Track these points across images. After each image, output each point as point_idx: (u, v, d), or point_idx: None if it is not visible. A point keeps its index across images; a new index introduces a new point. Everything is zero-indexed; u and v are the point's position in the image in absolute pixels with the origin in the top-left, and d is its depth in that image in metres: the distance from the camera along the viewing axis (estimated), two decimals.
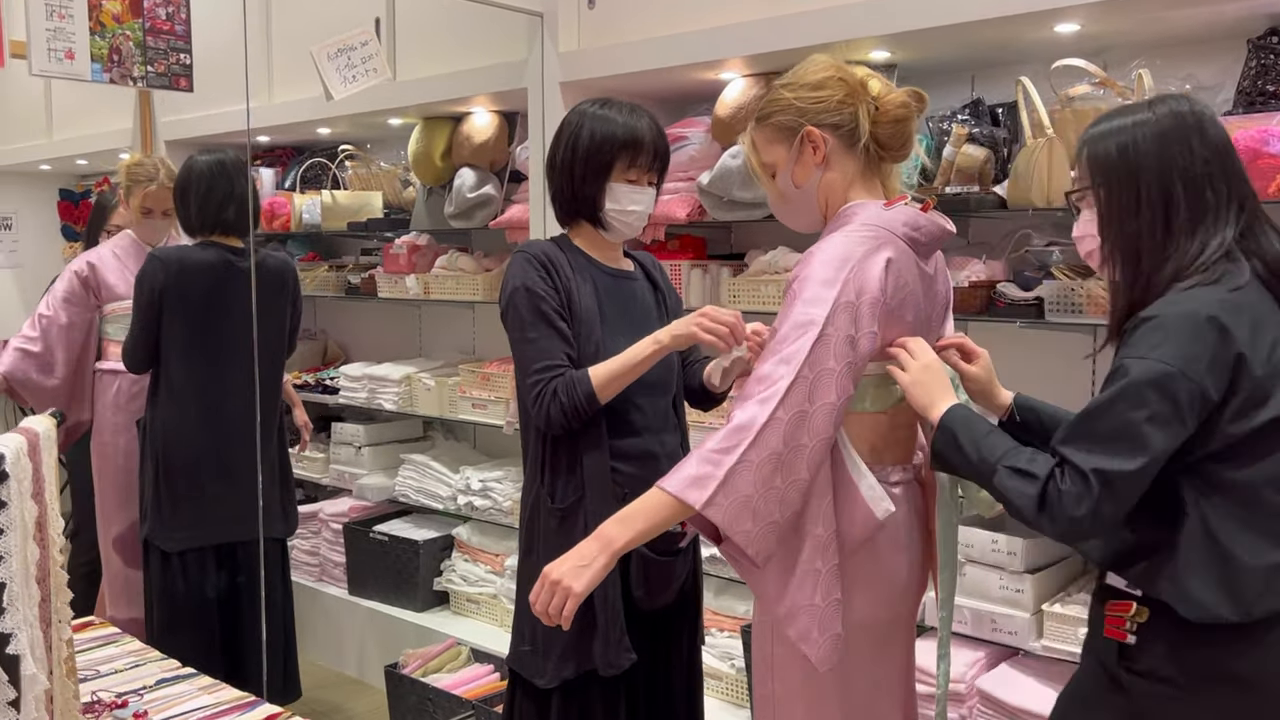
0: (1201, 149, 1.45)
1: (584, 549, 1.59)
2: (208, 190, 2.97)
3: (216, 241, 3.03)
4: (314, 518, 4.17)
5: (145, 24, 2.51)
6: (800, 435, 1.53)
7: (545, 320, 1.97)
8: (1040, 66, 2.46)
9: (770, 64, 2.78)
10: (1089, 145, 1.52)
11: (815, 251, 1.62)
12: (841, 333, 1.55)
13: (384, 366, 4.03)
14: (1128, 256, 1.49)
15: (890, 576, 1.69)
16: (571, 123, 2.06)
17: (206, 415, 2.99)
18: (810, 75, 1.70)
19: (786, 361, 1.54)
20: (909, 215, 1.66)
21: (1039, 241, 2.56)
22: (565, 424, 1.94)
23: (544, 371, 1.94)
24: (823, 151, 1.68)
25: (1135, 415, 1.38)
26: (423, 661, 3.32)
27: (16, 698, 1.37)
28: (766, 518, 1.53)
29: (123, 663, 2.23)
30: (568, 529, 2.00)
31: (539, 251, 2.02)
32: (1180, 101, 1.49)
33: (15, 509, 1.38)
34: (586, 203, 2.04)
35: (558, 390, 1.93)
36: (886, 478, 1.68)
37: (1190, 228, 1.45)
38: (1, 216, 6.12)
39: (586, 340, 1.99)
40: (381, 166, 4.26)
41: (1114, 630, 1.49)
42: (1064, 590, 2.49)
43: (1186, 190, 1.44)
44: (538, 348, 1.96)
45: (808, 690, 1.66)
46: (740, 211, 2.92)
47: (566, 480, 2.01)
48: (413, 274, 3.85)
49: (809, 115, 1.68)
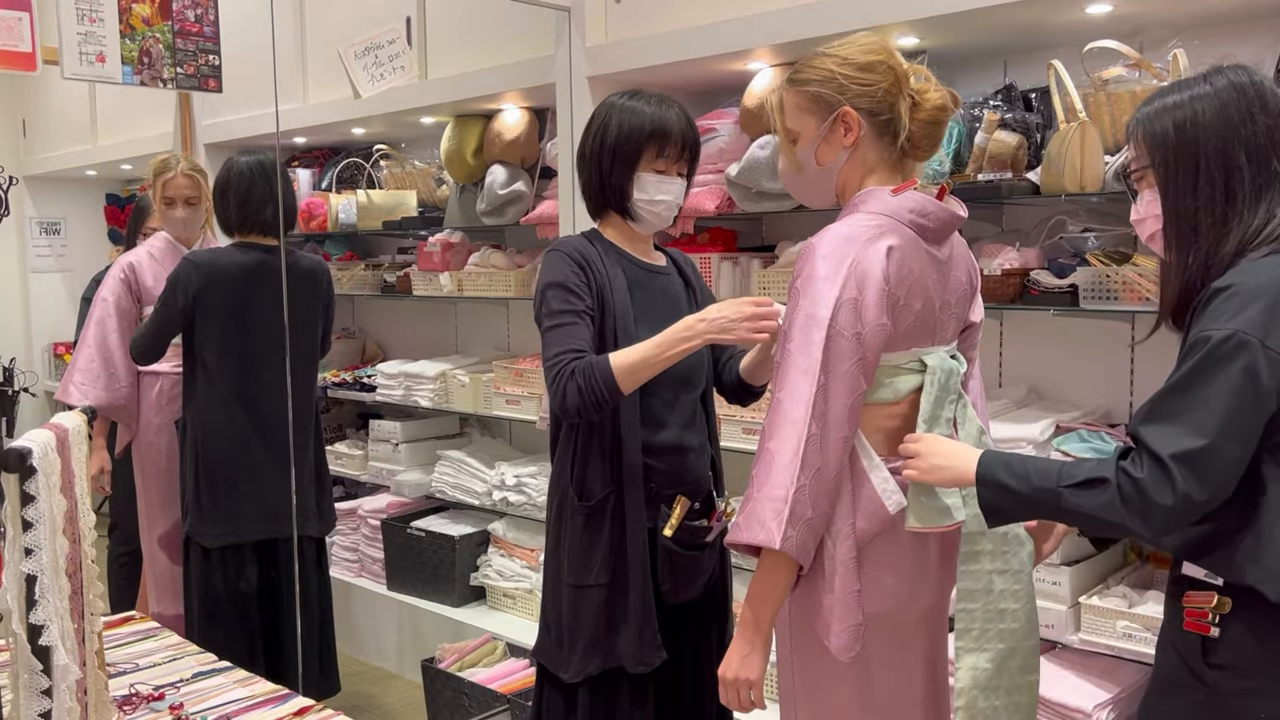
0: (1264, 118, 1.40)
1: (738, 644, 1.61)
2: (248, 190, 3.03)
3: (254, 241, 3.08)
4: (353, 514, 4.21)
5: (174, 26, 2.55)
6: (828, 442, 1.54)
7: (573, 311, 1.94)
8: (1073, 50, 2.41)
9: (798, 52, 2.75)
10: (1144, 124, 1.47)
11: (815, 244, 1.60)
12: (848, 331, 1.54)
13: (420, 364, 4.07)
14: (1184, 235, 1.44)
15: (910, 568, 1.66)
16: (600, 114, 2.06)
17: (244, 414, 3.03)
18: (860, 55, 1.65)
19: (807, 373, 1.53)
20: (916, 201, 1.63)
21: (1073, 228, 2.51)
22: (582, 408, 1.87)
23: (564, 354, 1.90)
24: (855, 135, 1.65)
25: (1216, 388, 1.32)
26: (459, 656, 3.34)
27: (49, 687, 1.40)
28: (814, 527, 1.55)
29: (160, 656, 2.27)
30: (595, 526, 2.00)
31: (572, 249, 2.01)
32: (1239, 72, 1.44)
33: (44, 503, 1.41)
34: (615, 194, 2.03)
35: (575, 371, 1.87)
36: (897, 469, 1.65)
37: (1255, 198, 1.40)
38: (50, 221, 6.26)
39: (622, 335, 1.97)
40: (415, 165, 4.30)
41: (1194, 623, 1.43)
42: (1102, 582, 2.45)
43: (1250, 161, 1.40)
44: (562, 333, 1.93)
45: (828, 682, 1.65)
46: (769, 203, 2.90)
47: (596, 477, 2.00)
48: (447, 271, 3.88)
49: (850, 95, 1.64)
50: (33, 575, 1.40)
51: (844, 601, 1.57)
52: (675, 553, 2.00)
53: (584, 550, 2.02)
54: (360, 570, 4.19)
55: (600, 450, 2.00)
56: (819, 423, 1.53)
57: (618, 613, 2.01)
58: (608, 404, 1.89)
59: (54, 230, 6.29)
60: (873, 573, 1.62)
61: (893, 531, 1.63)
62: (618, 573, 2.00)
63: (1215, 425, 1.32)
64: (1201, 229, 1.42)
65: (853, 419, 1.56)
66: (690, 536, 2.00)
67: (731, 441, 3.02)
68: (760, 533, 1.53)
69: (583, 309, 1.95)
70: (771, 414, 1.57)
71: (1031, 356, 2.80)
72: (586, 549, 2.02)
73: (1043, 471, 1.44)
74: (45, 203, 6.12)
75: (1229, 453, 1.33)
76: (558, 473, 2.09)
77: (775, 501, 1.52)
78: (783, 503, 1.52)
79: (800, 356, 1.54)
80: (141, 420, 3.41)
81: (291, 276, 2.97)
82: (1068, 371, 2.74)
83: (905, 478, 1.60)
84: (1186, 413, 1.33)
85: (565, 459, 2.05)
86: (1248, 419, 1.33)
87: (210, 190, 3.38)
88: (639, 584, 2.00)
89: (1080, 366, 2.71)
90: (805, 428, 1.52)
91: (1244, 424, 1.33)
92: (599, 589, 2.01)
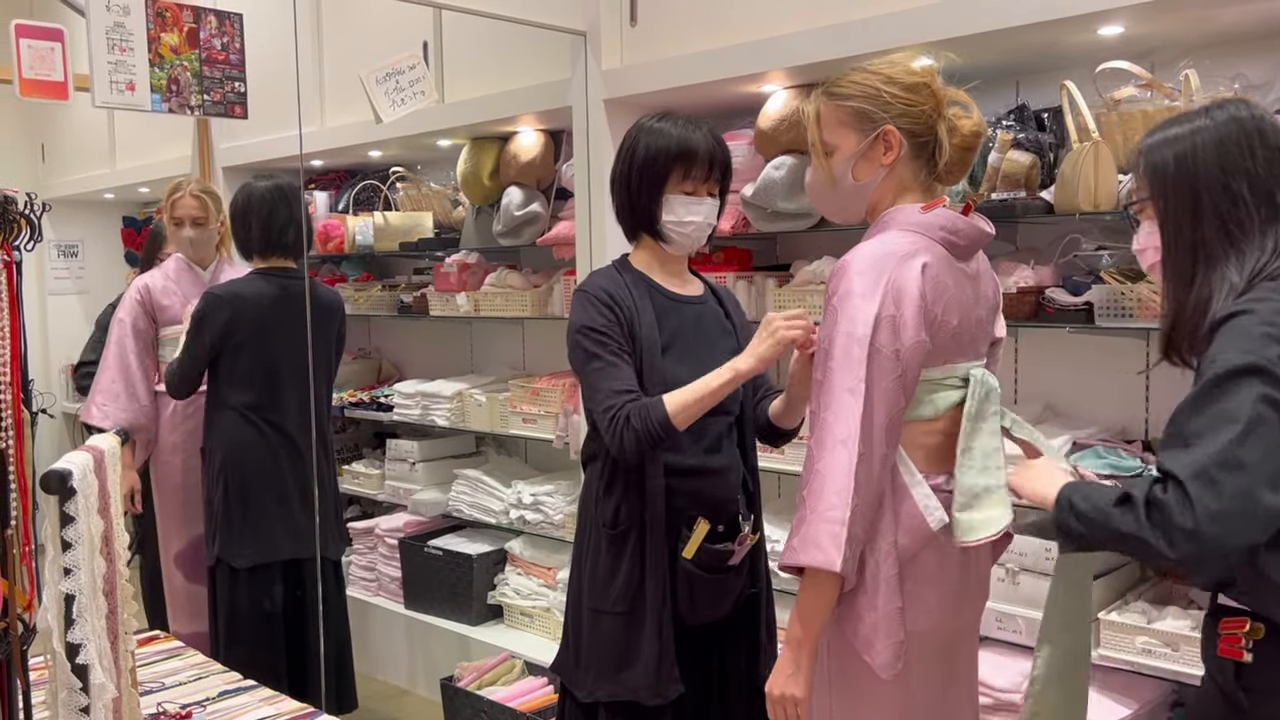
0: (1264, 151, 1.42)
1: (785, 661, 1.62)
2: (270, 214, 3.11)
3: (275, 265, 3.14)
4: (370, 533, 4.23)
5: (201, 55, 2.59)
6: (874, 461, 1.54)
7: (610, 350, 1.95)
8: (1085, 70, 2.44)
9: (812, 75, 2.79)
10: (1146, 155, 1.49)
11: (850, 261, 1.61)
12: (888, 348, 1.55)
13: (436, 383, 4.10)
14: (1181, 267, 1.45)
15: (951, 585, 1.67)
16: (629, 138, 2.07)
17: (269, 437, 3.10)
18: (906, 75, 1.67)
19: (852, 391, 1.54)
20: (946, 218, 1.64)
21: (1088, 246, 2.53)
22: (638, 450, 1.91)
23: (617, 396, 1.92)
24: (895, 154, 1.66)
25: (1228, 408, 1.31)
26: (477, 674, 3.35)
27: (87, 705, 1.43)
28: (860, 544, 1.57)
29: (186, 675, 2.29)
30: (616, 552, 2.02)
31: (597, 289, 2.01)
32: (1240, 106, 1.45)
33: (83, 524, 1.43)
34: (644, 216, 2.04)
35: (630, 416, 1.89)
36: (944, 485, 1.66)
37: (1263, 230, 1.41)
38: (68, 244, 6.33)
39: (650, 368, 1.98)
40: (431, 187, 4.34)
41: (1228, 649, 1.43)
42: (1121, 598, 2.46)
43: (1253, 194, 1.41)
44: (606, 375, 1.94)
45: (868, 702, 1.64)
46: (784, 222, 2.93)
47: (622, 504, 2.01)
48: (463, 292, 3.91)
49: (893, 114, 1.65)
50: (71, 594, 1.42)
51: (888, 618, 1.58)
52: (695, 575, 1.99)
53: (605, 575, 2.03)
54: (378, 589, 4.20)
55: (625, 477, 2.01)
56: (866, 442, 1.53)
57: (633, 644, 2.00)
58: (663, 444, 1.92)
59: (72, 253, 6.36)
60: (915, 589, 1.62)
61: (935, 548, 1.63)
62: (636, 601, 2.00)
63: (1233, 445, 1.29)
64: (1199, 261, 1.43)
65: (892, 437, 1.57)
66: (712, 559, 1.98)
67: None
68: (818, 555, 1.52)
69: (617, 348, 1.96)
70: (818, 433, 1.56)
71: (1047, 374, 2.82)
72: (607, 574, 2.03)
73: (1106, 494, 1.42)
74: (63, 226, 6.19)
75: (1249, 472, 1.29)
76: (585, 496, 2.11)
77: (832, 524, 1.52)
78: (840, 525, 1.51)
79: (844, 374, 1.55)
80: (158, 440, 3.45)
81: (312, 304, 3.03)
82: (1083, 388, 2.75)
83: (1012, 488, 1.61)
84: (1203, 436, 1.31)
85: (592, 484, 2.08)
86: (1269, 442, 1.30)
87: (222, 212, 3.46)
88: (656, 614, 1.99)
89: (1096, 383, 2.72)
90: (855, 447, 1.52)
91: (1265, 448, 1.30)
92: (616, 616, 2.01)
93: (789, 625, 1.61)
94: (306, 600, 3.15)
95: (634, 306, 2.00)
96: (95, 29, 2.40)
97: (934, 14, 2.45)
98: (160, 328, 3.46)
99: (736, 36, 2.87)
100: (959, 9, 2.41)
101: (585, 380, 1.98)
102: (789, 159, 2.88)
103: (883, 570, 1.58)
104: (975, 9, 2.38)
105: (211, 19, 2.63)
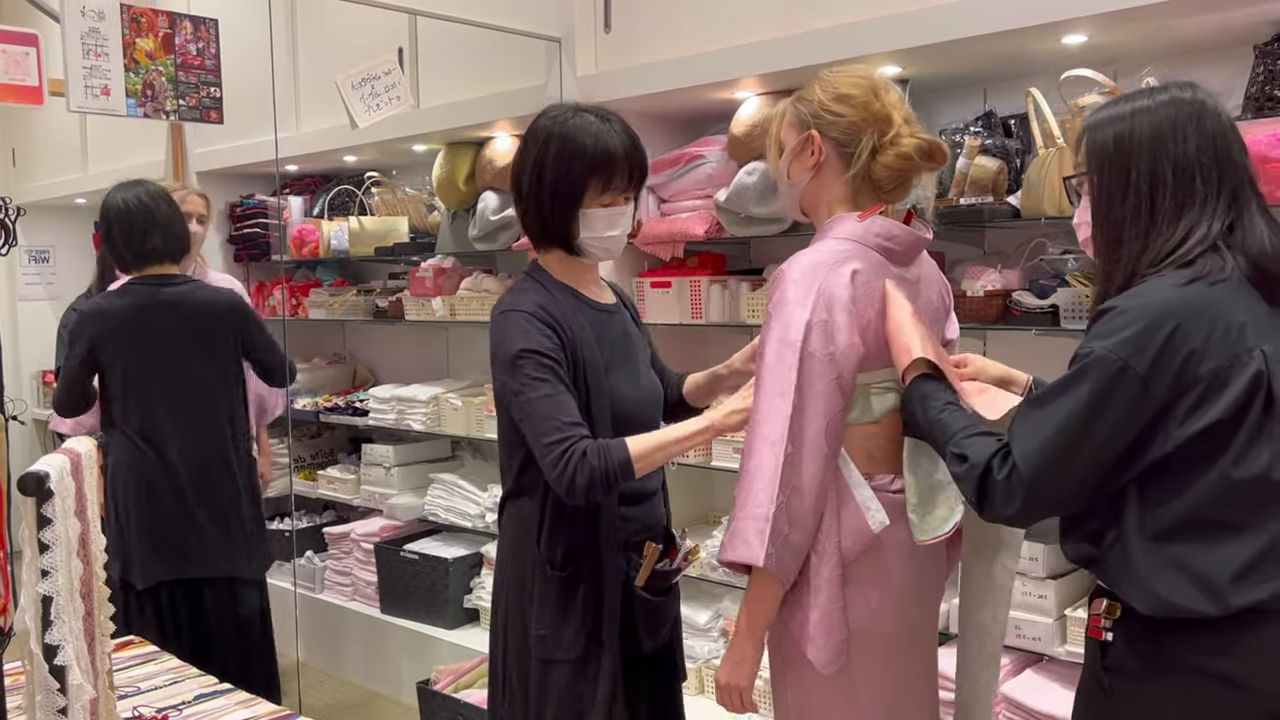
0: (1196, 136, 1.42)
1: (732, 651, 1.65)
2: (128, 224, 2.94)
3: (154, 274, 2.99)
4: (345, 538, 4.23)
5: (177, 60, 2.60)
6: (804, 461, 1.58)
7: (556, 379, 1.74)
8: (1050, 78, 2.49)
9: (784, 82, 2.83)
10: (1089, 132, 1.51)
11: (787, 270, 1.65)
12: (821, 352, 1.59)
13: (412, 388, 4.10)
14: (1111, 244, 1.47)
15: (898, 584, 1.70)
16: (534, 142, 1.84)
17: (148, 457, 2.96)
18: (843, 85, 1.71)
19: (781, 394, 1.58)
20: (882, 226, 1.68)
21: (1053, 250, 2.58)
22: (588, 492, 1.70)
23: (569, 429, 1.71)
24: (816, 159, 1.72)
25: (1075, 405, 1.37)
26: (454, 677, 3.36)
27: (65, 706, 1.43)
28: (796, 546, 1.60)
29: (162, 679, 2.29)
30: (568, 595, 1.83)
31: (534, 306, 1.79)
32: (1184, 89, 1.46)
33: (60, 526, 1.44)
34: (558, 231, 1.84)
35: (587, 453, 1.69)
36: (888, 486, 1.69)
37: (1175, 215, 1.42)
38: (40, 250, 6.28)
39: (597, 390, 1.81)
40: (407, 192, 4.35)
41: (1095, 629, 1.48)
42: (1086, 595, 2.50)
43: (1175, 178, 1.42)
44: (553, 404, 1.72)
45: (819, 698, 1.69)
46: (757, 227, 2.96)
47: (573, 543, 1.83)
48: (439, 296, 3.92)
49: (820, 121, 1.71)
50: (49, 596, 1.43)
51: (828, 616, 1.62)
52: (650, 602, 1.88)
53: (555, 621, 1.83)
54: (354, 594, 4.20)
55: (573, 512, 1.81)
56: (795, 442, 1.57)
57: (587, 691, 1.84)
58: (615, 489, 1.75)
59: (43, 258, 6.31)
60: (858, 590, 1.66)
61: (877, 550, 1.67)
62: (590, 643, 1.84)
63: (1066, 441, 1.37)
64: (1125, 240, 1.45)
65: (832, 438, 1.61)
66: (659, 581, 1.89)
67: (723, 461, 3.07)
68: (744, 550, 1.58)
69: (563, 375, 1.76)
70: (749, 434, 1.62)
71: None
72: (558, 620, 1.83)
73: (944, 425, 1.52)
74: (34, 231, 6.14)
75: (1077, 469, 1.38)
76: (518, 538, 1.88)
77: (757, 520, 1.57)
78: (764, 520, 1.56)
79: (774, 378, 1.59)
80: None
81: (187, 309, 2.94)
82: None
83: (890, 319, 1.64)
84: (1046, 428, 1.39)
85: (530, 522, 1.85)
86: (1102, 439, 1.36)
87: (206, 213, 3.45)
88: (611, 653, 1.84)
89: None
90: (782, 447, 1.57)
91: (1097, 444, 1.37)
92: (569, 665, 1.83)
93: (737, 617, 1.66)
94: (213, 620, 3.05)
95: (573, 328, 1.81)
96: (70, 34, 2.41)
97: (904, 22, 2.49)
98: None
99: (710, 43, 2.91)
100: (928, 18, 2.45)
101: (526, 409, 1.73)
102: (761, 164, 2.91)
103: (824, 570, 1.62)
104: (944, 18, 2.42)
105: (187, 24, 2.64)
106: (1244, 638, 1.36)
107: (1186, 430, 1.36)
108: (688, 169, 3.12)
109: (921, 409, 1.58)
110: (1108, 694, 1.46)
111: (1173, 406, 1.36)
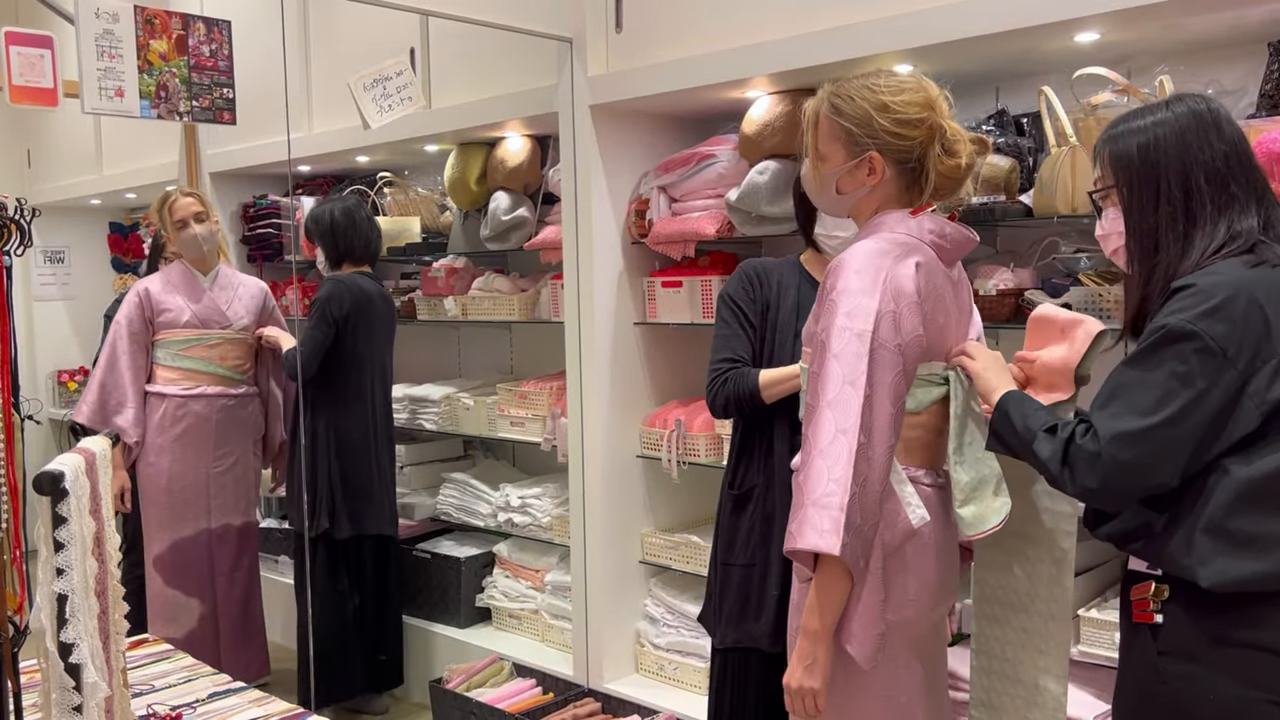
0: (1221, 144, 1.49)
1: (801, 653, 1.64)
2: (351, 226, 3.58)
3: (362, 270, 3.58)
4: None
5: (190, 61, 2.61)
6: (875, 451, 1.58)
7: (737, 321, 2.28)
8: (1062, 76, 2.48)
9: (795, 81, 2.83)
10: (1110, 145, 1.55)
11: (846, 260, 1.64)
12: (890, 342, 1.59)
13: (424, 387, 4.11)
14: (1146, 251, 1.52)
15: (925, 579, 1.71)
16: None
17: (365, 422, 3.51)
18: (908, 110, 1.68)
19: (852, 383, 1.57)
20: (935, 222, 1.70)
21: (1066, 248, 2.57)
22: (725, 408, 2.23)
23: (723, 362, 2.25)
24: (878, 178, 1.71)
25: (1157, 375, 1.40)
26: (466, 677, 3.37)
27: (80, 704, 1.44)
28: (866, 539, 1.59)
29: (176, 678, 2.31)
30: (740, 512, 2.29)
31: (754, 265, 2.32)
32: (1197, 101, 1.52)
33: (75, 525, 1.45)
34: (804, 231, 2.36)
35: (729, 380, 2.22)
36: (923, 479, 1.71)
37: (1215, 217, 1.48)
38: (55, 250, 6.32)
39: (779, 346, 2.24)
40: (419, 192, 4.36)
41: (1141, 613, 1.49)
42: (1101, 595, 2.49)
43: (1209, 183, 1.48)
44: (724, 342, 2.27)
45: (842, 693, 1.69)
46: (768, 226, 2.96)
47: (747, 472, 2.28)
48: (451, 296, 3.93)
49: (881, 144, 1.69)
50: (64, 595, 1.44)
51: (870, 609, 1.61)
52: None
53: (730, 531, 2.30)
54: None
55: (752, 450, 2.29)
56: (866, 433, 1.56)
57: (754, 594, 2.23)
58: (749, 408, 2.22)
59: (58, 259, 6.35)
60: (896, 581, 1.66)
61: (916, 542, 1.67)
62: (758, 555, 2.25)
63: (1148, 410, 1.40)
64: (1162, 245, 1.50)
65: (896, 428, 1.61)
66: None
67: None
68: (818, 539, 1.54)
69: (744, 315, 2.27)
70: (816, 424, 1.59)
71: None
72: (732, 530, 2.30)
73: (1039, 418, 1.55)
74: (49, 232, 6.18)
75: (1160, 439, 1.40)
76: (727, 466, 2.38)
77: (831, 510, 1.54)
78: (839, 510, 1.53)
79: (843, 367, 1.58)
80: (145, 441, 3.45)
81: (385, 301, 3.58)
82: None
83: (960, 362, 1.70)
84: (1127, 397, 1.42)
85: (730, 453, 2.36)
86: (1182, 409, 1.39)
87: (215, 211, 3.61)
88: (779, 567, 2.20)
89: None
90: (855, 436, 1.55)
91: (1177, 413, 1.39)
92: (742, 569, 2.27)
93: (804, 617, 1.63)
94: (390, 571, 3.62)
95: (776, 289, 2.26)
96: (84, 36, 2.42)
97: (915, 21, 2.48)
98: (157, 331, 3.48)
99: (721, 43, 2.91)
100: (940, 16, 2.44)
101: (713, 343, 2.30)
102: (773, 164, 2.91)
103: (869, 564, 1.62)
104: (956, 16, 2.41)
105: (200, 26, 2.65)
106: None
107: (1262, 406, 1.40)
108: (699, 168, 3.12)
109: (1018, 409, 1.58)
110: (1164, 679, 1.47)
111: (1249, 380, 1.40)
